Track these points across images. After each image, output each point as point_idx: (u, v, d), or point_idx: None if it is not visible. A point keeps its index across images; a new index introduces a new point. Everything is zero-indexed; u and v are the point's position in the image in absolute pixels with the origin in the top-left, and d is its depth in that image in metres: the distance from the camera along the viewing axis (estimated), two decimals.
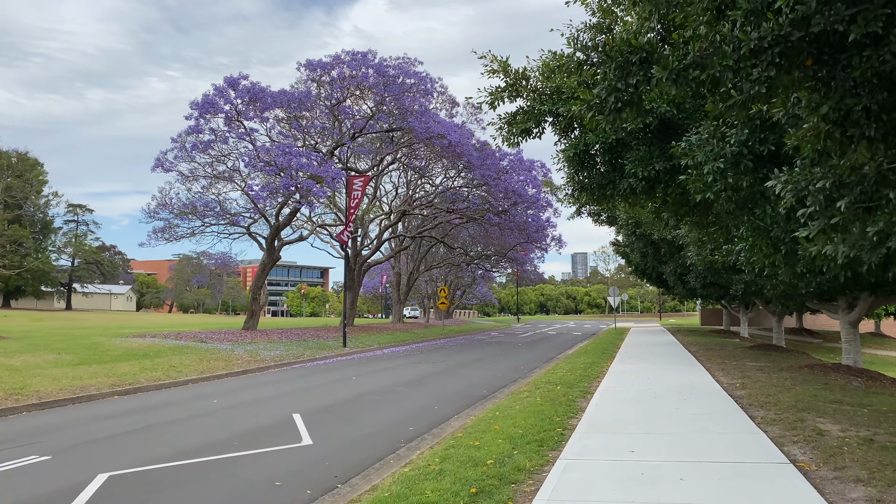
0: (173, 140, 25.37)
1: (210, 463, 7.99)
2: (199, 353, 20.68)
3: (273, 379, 17.16)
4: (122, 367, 17.13)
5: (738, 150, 7.41)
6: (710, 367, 17.18)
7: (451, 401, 13.02)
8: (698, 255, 12.35)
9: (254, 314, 28.00)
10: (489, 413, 10.74)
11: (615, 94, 4.82)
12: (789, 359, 20.69)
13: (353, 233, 36.95)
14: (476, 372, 18.63)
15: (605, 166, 9.97)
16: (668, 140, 9.61)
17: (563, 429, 9.02)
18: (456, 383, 15.95)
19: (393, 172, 42.39)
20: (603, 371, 16.77)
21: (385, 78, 25.75)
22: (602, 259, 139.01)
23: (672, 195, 9.39)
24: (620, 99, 4.88)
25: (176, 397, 13.87)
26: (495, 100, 10.27)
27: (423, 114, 26.84)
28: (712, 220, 9.90)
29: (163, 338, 24.07)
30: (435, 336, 37.38)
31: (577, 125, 9.87)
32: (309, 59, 26.36)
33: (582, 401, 11.67)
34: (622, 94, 4.87)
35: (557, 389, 13.07)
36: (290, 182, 22.51)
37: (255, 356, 21.37)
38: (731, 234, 10.56)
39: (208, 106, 24.10)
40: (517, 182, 33.10)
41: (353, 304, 36.93)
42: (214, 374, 17.84)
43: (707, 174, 7.44)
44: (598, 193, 9.94)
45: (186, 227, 27.11)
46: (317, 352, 24.34)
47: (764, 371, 16.29)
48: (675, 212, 9.83)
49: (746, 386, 13.37)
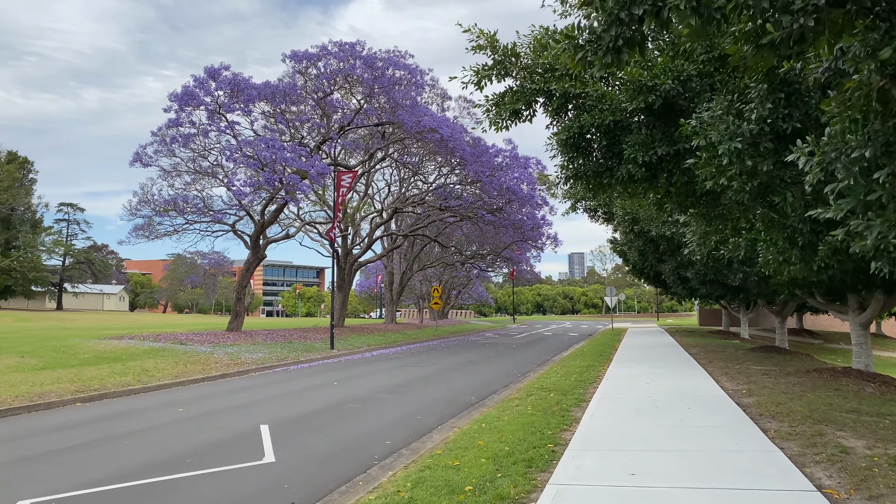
0: (153, 134, 24.33)
1: (149, 487, 7.01)
2: (177, 356, 19.68)
3: (250, 384, 16.18)
4: (89, 371, 16.13)
5: (757, 129, 6.45)
6: (713, 371, 16.24)
7: (435, 409, 12.05)
8: (700, 247, 11.41)
9: (238, 315, 26.98)
10: (475, 425, 9.78)
11: (615, 27, 3.90)
12: (795, 362, 19.77)
13: (344, 231, 35.95)
14: (466, 376, 17.67)
15: (602, 152, 9.02)
16: (673, 122, 8.66)
17: (556, 444, 8.07)
18: (443, 389, 14.98)
19: (386, 170, 41.43)
20: (599, 375, 15.82)
21: (374, 70, 24.71)
22: (599, 259, 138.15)
23: (677, 183, 8.43)
24: (622, 35, 3.96)
25: (141, 405, 12.88)
26: (482, 79, 9.32)
27: (414, 107, 25.82)
28: (720, 212, 8.95)
29: (141, 339, 23.05)
30: (427, 337, 36.39)
31: (572, 105, 8.91)
32: (294, 50, 25.36)
33: (577, 410, 10.71)
34: (624, 29, 3.95)
35: (550, 397, 12.12)
36: (273, 177, 21.47)
37: (235, 359, 20.38)
38: (739, 227, 9.62)
39: (188, 98, 23.03)
40: (512, 179, 32.12)
41: (343, 304, 35.92)
42: (189, 379, 16.86)
43: (722, 156, 6.47)
44: (593, 182, 8.99)
45: (169, 224, 26.10)
46: (302, 354, 23.35)
47: (770, 375, 15.35)
48: (680, 203, 8.89)
49: (753, 393, 12.42)
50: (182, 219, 25.51)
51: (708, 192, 8.55)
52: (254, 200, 25.33)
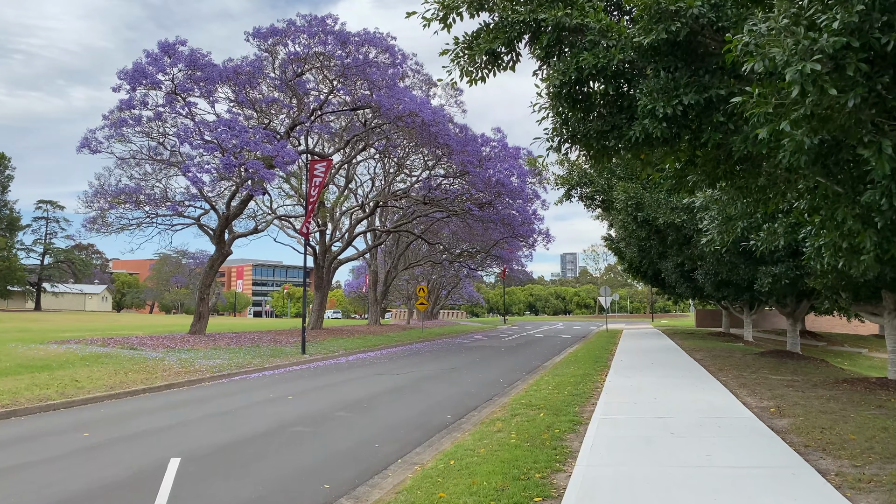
0: (104, 117, 22.04)
1: None
2: (120, 364, 17.42)
3: (193, 397, 13.95)
4: (5, 383, 13.85)
5: (841, 43, 4.30)
6: (728, 382, 14.12)
7: (400, 433, 9.88)
8: (721, 237, 9.29)
9: (202, 316, 24.68)
10: (442, 462, 7.60)
11: None
12: (813, 369, 17.71)
13: (321, 226, 33.66)
14: (445, 387, 15.49)
15: (607, 106, 6.85)
16: (701, 63, 6.51)
17: (545, 497, 5.91)
18: (415, 404, 12.80)
19: (370, 162, 39.19)
20: (597, 387, 13.69)
21: (347, 46, 22.42)
22: (592, 258, 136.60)
23: (706, 145, 6.28)
24: None
25: (47, 427, 10.65)
26: (449, 13, 7.16)
27: (392, 87, 23.55)
28: (762, 185, 6.80)
29: (87, 344, 20.74)
30: (412, 340, 34.17)
31: (567, 42, 6.74)
32: (257, 27, 22.98)
33: (572, 437, 8.56)
34: None
35: (540, 418, 9.96)
36: (233, 162, 19.16)
37: (188, 367, 18.13)
38: (781, 207, 7.48)
39: (140, 76, 20.68)
40: (501, 171, 29.90)
41: (321, 304, 33.67)
42: (127, 391, 14.63)
43: (789, 85, 4.32)
44: (596, 146, 6.83)
45: (126, 217, 23.75)
46: (267, 360, 21.10)
47: (795, 388, 13.25)
48: (708, 172, 6.74)
49: (784, 411, 10.31)
50: (141, 212, 23.21)
51: (747, 156, 6.41)
52: (216, 190, 23.01)
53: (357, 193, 39.57)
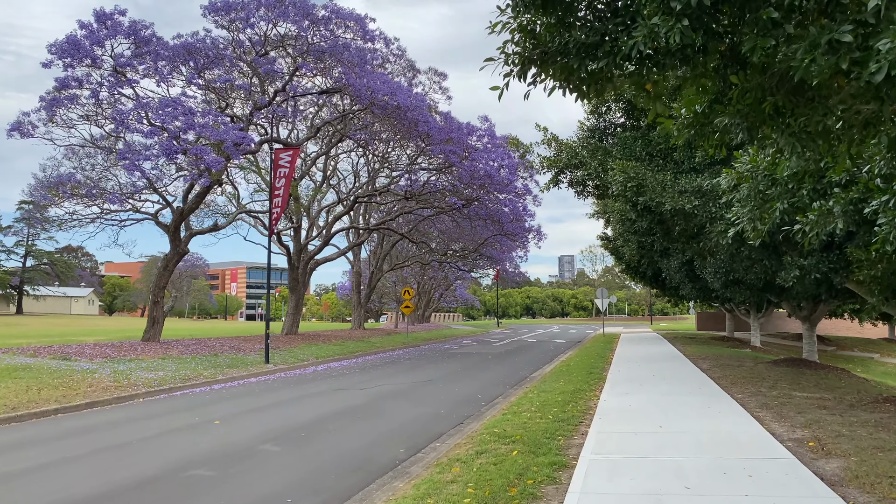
0: (41, 99, 19.69)
1: None
2: (36, 378, 15.05)
3: (104, 421, 11.62)
4: None
5: None
6: (745, 401, 11.81)
7: (328, 480, 7.55)
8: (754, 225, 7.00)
9: (155, 322, 22.27)
10: None
11: None
12: (840, 383, 15.42)
13: (295, 223, 31.29)
14: (409, 407, 13.15)
15: (595, 11, 4.53)
16: None
17: None
18: (366, 432, 10.45)
19: (353, 155, 36.78)
20: (589, 408, 11.38)
21: (310, 17, 20.08)
22: (589, 260, 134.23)
23: (756, 55, 3.96)
24: None
25: None
26: None
27: (362, 66, 21.16)
28: (828, 130, 4.47)
29: (14, 353, 18.36)
30: (394, 346, 31.81)
31: None
32: (213, 0, 20.53)
33: (550, 493, 6.26)
34: None
35: (511, 458, 7.63)
36: (174, 147, 16.77)
37: (121, 380, 15.78)
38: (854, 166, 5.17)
39: (74, 50, 18.30)
40: (488, 163, 27.58)
41: (296, 307, 31.26)
42: (33, 412, 12.32)
43: None
44: (578, 69, 4.50)
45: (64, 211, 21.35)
46: (222, 371, 18.75)
47: (829, 409, 10.94)
48: (753, 109, 4.41)
49: (827, 447, 8.00)
50: (83, 204, 20.80)
51: (813, 85, 4.08)
52: (165, 182, 20.60)
53: (339, 189, 37.20)
